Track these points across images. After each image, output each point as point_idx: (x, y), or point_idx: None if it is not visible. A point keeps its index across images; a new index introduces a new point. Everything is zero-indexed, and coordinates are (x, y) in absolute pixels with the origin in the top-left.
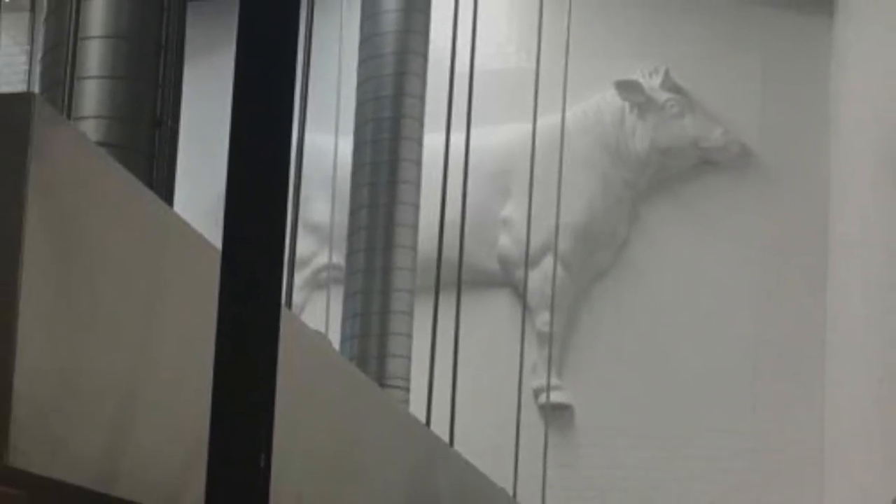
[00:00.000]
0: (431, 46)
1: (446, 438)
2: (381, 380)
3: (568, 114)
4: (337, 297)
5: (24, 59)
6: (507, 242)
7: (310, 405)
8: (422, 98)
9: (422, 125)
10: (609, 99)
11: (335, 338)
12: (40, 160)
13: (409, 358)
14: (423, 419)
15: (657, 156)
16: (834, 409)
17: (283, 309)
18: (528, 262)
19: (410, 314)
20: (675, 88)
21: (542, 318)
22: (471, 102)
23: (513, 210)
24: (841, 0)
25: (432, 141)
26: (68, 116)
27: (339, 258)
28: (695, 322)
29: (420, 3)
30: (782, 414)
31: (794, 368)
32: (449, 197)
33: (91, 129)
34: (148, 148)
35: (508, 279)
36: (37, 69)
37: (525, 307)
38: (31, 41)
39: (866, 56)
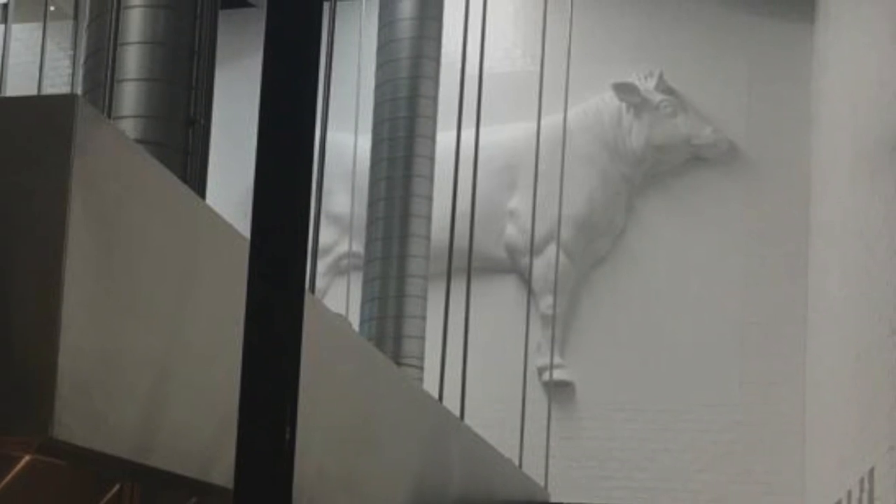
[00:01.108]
0: (443, 51)
1: (457, 413)
2: (397, 359)
3: (570, 113)
4: (356, 282)
5: (67, 63)
6: (513, 232)
7: (331, 382)
8: (435, 99)
9: (435, 124)
10: (607, 100)
11: (355, 320)
12: (83, 156)
13: (422, 338)
14: (435, 395)
15: (652, 152)
16: (814, 385)
17: (307, 293)
18: (533, 250)
19: (424, 298)
20: (669, 90)
21: (545, 302)
22: (480, 103)
23: (519, 202)
24: (821, 8)
25: (444, 138)
26: (108, 116)
27: (358, 247)
28: (686, 305)
29: (433, 11)
30: (766, 389)
31: (777, 347)
32: (459, 190)
33: (129, 127)
34: (182, 145)
35: (514, 266)
36: (79, 72)
37: (530, 292)
38: (75, 47)
39: (844, 59)
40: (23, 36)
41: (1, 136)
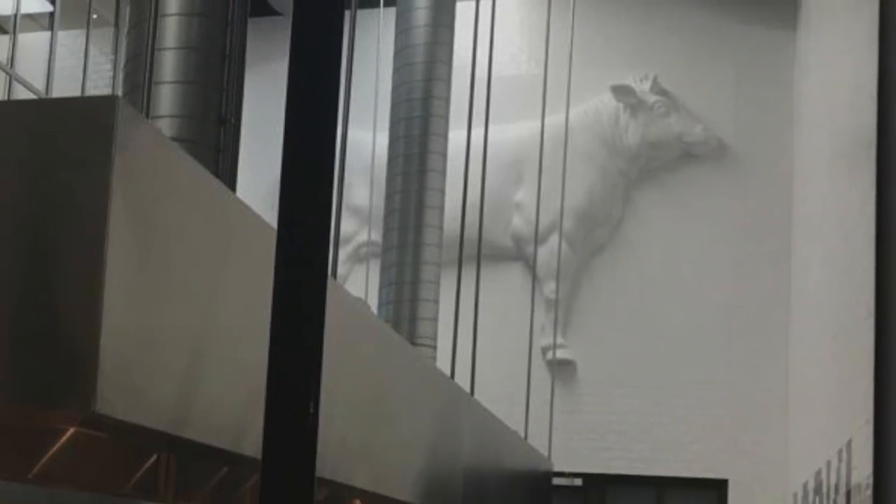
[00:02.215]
0: (455, 56)
1: (467, 389)
2: (412, 339)
3: (571, 113)
4: (375, 269)
5: (109, 66)
6: (519, 222)
7: (352, 360)
8: (447, 100)
9: (447, 123)
10: (606, 101)
11: (373, 303)
12: (123, 153)
13: (436, 320)
14: (447, 372)
15: (647, 149)
16: (796, 363)
17: (329, 279)
18: (538, 239)
19: (437, 283)
20: (662, 92)
21: (549, 287)
22: (489, 103)
23: (524, 195)
24: (803, 16)
25: (456, 136)
26: (146, 116)
27: (376, 236)
28: (678, 290)
29: (446, 19)
30: (752, 368)
31: (761, 329)
32: (470, 183)
33: (166, 126)
34: (214, 142)
35: (520, 254)
36: (120, 76)
37: (534, 278)
38: (115, 52)
39: (824, 64)
40: (68, 42)
41: (47, 134)
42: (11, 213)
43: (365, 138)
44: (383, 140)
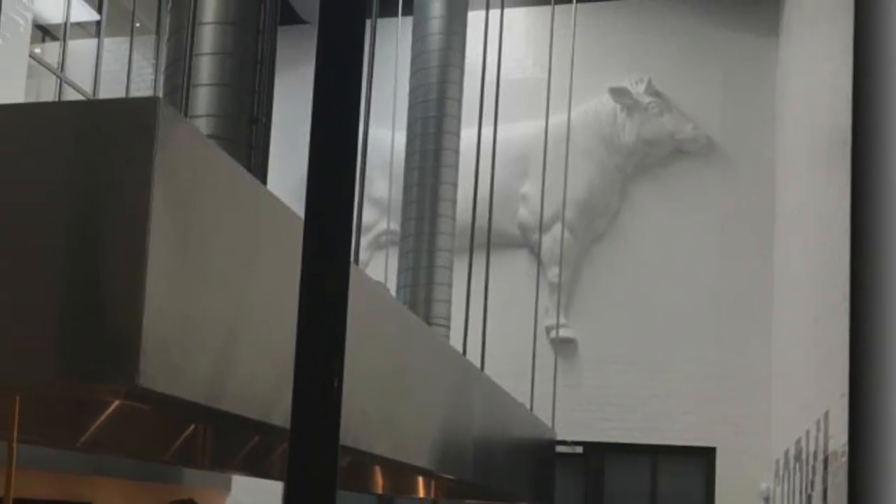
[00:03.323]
0: (466, 61)
1: (478, 365)
2: (427, 319)
3: (573, 113)
4: (393, 255)
5: (150, 71)
6: (525, 213)
7: (372, 339)
8: (459, 101)
9: (459, 122)
10: (605, 102)
11: (392, 287)
12: (164, 149)
13: (449, 302)
14: (460, 350)
15: (642, 146)
16: (778, 342)
17: (352, 264)
18: (542, 228)
19: (450, 269)
20: (656, 94)
21: (552, 272)
22: (497, 104)
23: (529, 188)
24: (785, 25)
25: (467, 134)
26: (185, 115)
27: (395, 225)
28: (670, 275)
29: (458, 27)
30: (738, 346)
31: (747, 311)
32: (480, 177)
33: (203, 125)
34: (247, 140)
35: (526, 241)
36: (161, 79)
37: (539, 263)
38: (156, 57)
39: (804, 69)
40: (113, 48)
41: (94, 132)
42: (62, 206)
43: (385, 136)
44: (401, 138)
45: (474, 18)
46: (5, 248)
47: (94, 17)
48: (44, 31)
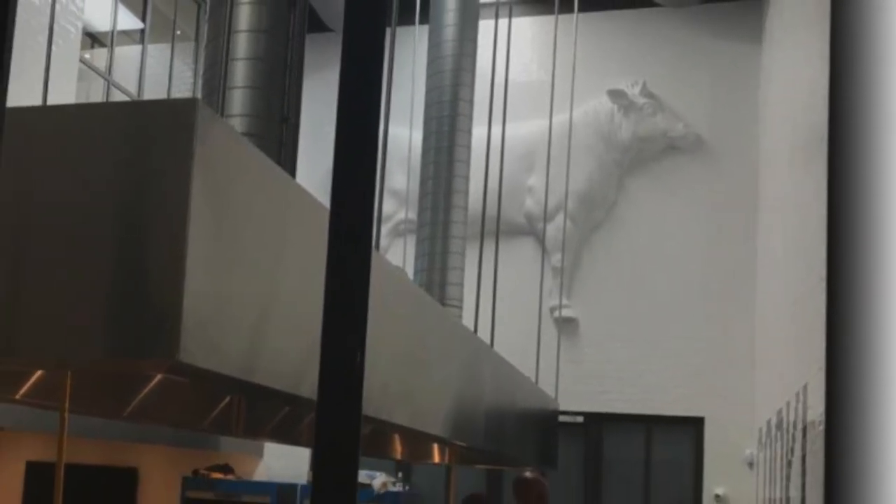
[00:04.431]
0: (477, 65)
1: (488, 342)
2: (442, 300)
3: (574, 113)
4: (411, 242)
5: (189, 74)
6: (530, 204)
7: (391, 318)
8: (471, 102)
9: (471, 121)
10: (603, 103)
11: (409, 271)
12: (202, 146)
13: (461, 285)
14: (471, 328)
15: (637, 143)
16: (761, 321)
17: (373, 251)
18: (546, 217)
19: (462, 254)
20: (650, 95)
21: (555, 257)
22: (505, 105)
23: (535, 181)
24: (767, 33)
25: (478, 132)
26: (221, 115)
27: (412, 214)
28: (663, 260)
29: (470, 34)
30: (725, 325)
31: (732, 293)
32: (490, 171)
33: (237, 124)
34: (277, 137)
35: (532, 230)
36: (199, 82)
37: (543, 250)
38: (195, 62)
39: (784, 72)
40: (156, 54)
41: (139, 130)
42: (110, 197)
43: (403, 134)
44: (418, 135)
45: (484, 27)
46: (59, 237)
47: (139, 25)
48: (93, 39)
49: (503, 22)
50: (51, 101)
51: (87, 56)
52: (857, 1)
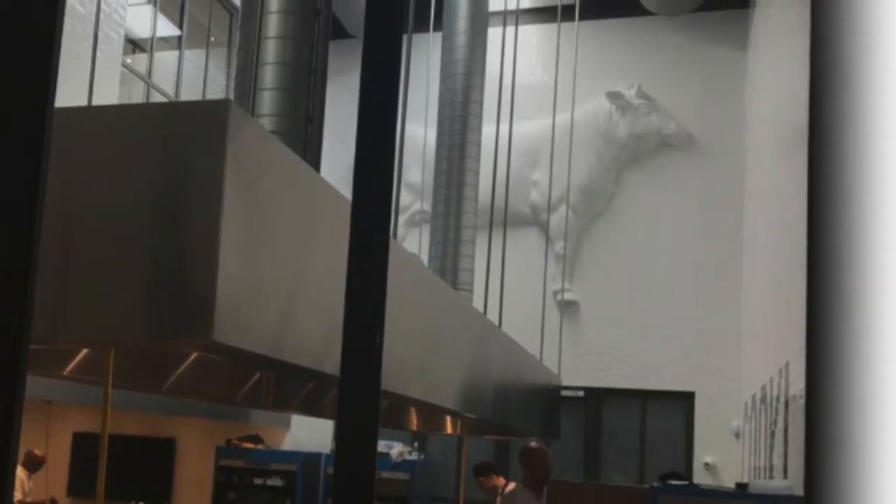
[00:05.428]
0: (487, 69)
1: (496, 322)
2: (454, 285)
3: (575, 113)
4: (425, 231)
5: (222, 78)
6: (535, 196)
7: (408, 301)
8: (481, 102)
9: (480, 120)
10: (602, 103)
11: (424, 258)
12: (234, 143)
13: (472, 271)
14: (481, 310)
15: (633, 140)
16: (747, 304)
17: (391, 239)
18: (549, 208)
19: (473, 243)
20: (645, 96)
21: (558, 245)
22: (512, 105)
23: (539, 175)
24: (752, 40)
25: (487, 130)
26: (252, 115)
27: (427, 206)
28: (657, 248)
29: (480, 41)
30: (714, 307)
31: (721, 278)
32: (498, 166)
33: (266, 123)
34: (303, 135)
35: (536, 220)
36: (231, 84)
37: (547, 238)
38: (228, 66)
39: (768, 76)
40: (192, 59)
41: (176, 129)
42: (149, 191)
43: (418, 132)
44: (432, 133)
45: (493, 34)
46: (103, 228)
47: (176, 32)
48: (134, 45)
49: (510, 30)
50: (95, 102)
51: (128, 61)
52: (836, 11)
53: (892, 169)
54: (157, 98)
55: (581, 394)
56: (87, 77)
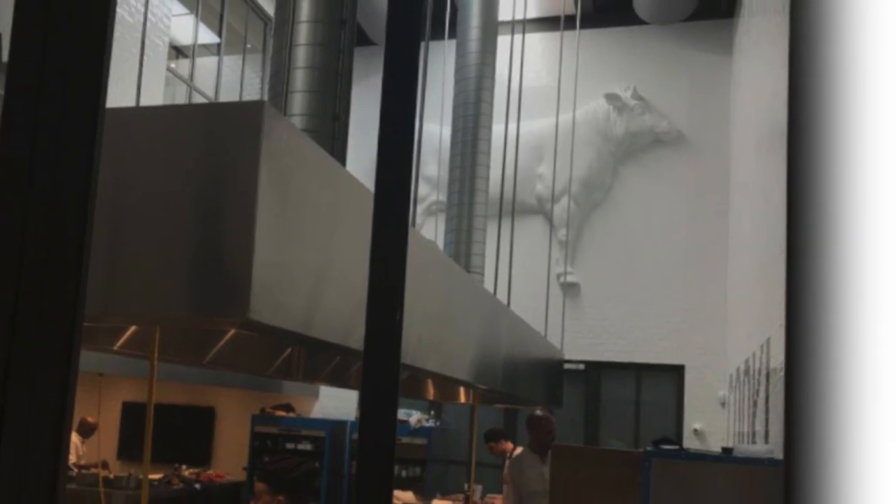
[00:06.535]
0: (496, 73)
1: (505, 302)
2: (467, 268)
3: (577, 113)
4: (441, 220)
5: (257, 81)
6: (541, 188)
7: (425, 282)
8: (491, 103)
9: (491, 119)
10: (601, 104)
11: (440, 244)
12: (268, 140)
13: (483, 255)
14: (491, 291)
15: (629, 137)
16: (732, 284)
17: (410, 227)
18: (553, 199)
19: (484, 230)
20: (640, 98)
21: (561, 233)
22: (519, 106)
23: (544, 169)
24: (736, 46)
25: (497, 128)
26: (284, 114)
27: (442, 197)
28: (650, 234)
29: (490, 47)
30: (702, 287)
31: (708, 261)
32: (506, 161)
33: (297, 122)
34: (330, 133)
35: (542, 210)
36: (266, 87)
37: (551, 226)
38: (262, 70)
39: (751, 79)
40: (230, 64)
41: (216, 128)
42: (191, 183)
43: (435, 130)
44: (447, 131)
45: (502, 42)
46: (149, 216)
47: (216, 39)
48: (177, 51)
49: (518, 38)
50: (142, 103)
51: (172, 66)
52: (814, 21)
53: (863, 162)
54: (198, 99)
55: (582, 367)
56: (135, 80)
